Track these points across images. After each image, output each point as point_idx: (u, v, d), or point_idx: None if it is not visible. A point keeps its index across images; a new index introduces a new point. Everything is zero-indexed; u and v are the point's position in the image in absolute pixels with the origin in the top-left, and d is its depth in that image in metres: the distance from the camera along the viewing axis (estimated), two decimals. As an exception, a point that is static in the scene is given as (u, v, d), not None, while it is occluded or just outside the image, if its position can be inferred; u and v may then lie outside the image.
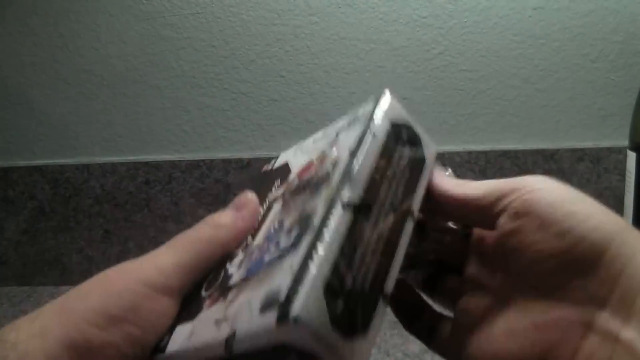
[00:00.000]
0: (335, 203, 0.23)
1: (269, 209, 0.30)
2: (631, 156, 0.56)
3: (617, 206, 0.64)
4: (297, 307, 0.19)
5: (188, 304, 0.27)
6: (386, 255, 0.24)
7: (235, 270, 0.27)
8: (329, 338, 0.20)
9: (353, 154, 0.25)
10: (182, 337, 0.25)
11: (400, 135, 0.28)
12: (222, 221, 0.29)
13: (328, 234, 0.22)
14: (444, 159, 0.66)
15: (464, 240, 0.30)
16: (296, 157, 0.33)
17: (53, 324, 0.24)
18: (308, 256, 0.21)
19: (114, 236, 0.72)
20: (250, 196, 0.30)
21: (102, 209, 0.71)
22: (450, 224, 0.31)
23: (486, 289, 0.26)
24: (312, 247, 0.22)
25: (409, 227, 0.26)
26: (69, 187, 0.71)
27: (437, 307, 0.30)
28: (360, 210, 0.24)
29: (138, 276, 0.26)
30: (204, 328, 0.24)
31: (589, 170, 0.65)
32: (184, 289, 0.27)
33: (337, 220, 0.23)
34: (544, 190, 0.24)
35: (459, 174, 0.66)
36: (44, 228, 0.73)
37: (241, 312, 0.22)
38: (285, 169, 0.33)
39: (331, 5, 0.65)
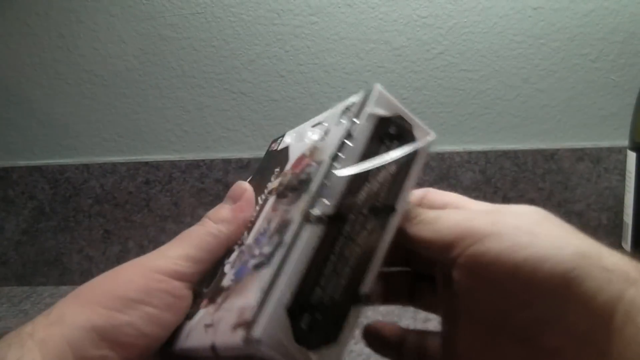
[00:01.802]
0: (308, 216, 0.23)
1: (265, 201, 0.29)
2: (631, 156, 0.56)
3: (617, 206, 0.64)
4: (258, 330, 0.20)
5: (194, 299, 0.28)
6: (363, 259, 0.24)
7: (229, 269, 0.27)
8: (294, 352, 0.21)
9: (334, 158, 0.24)
10: (183, 335, 0.26)
11: (388, 131, 0.26)
12: (223, 215, 0.29)
13: (296, 252, 0.22)
14: (444, 159, 0.66)
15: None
16: (295, 143, 0.31)
17: (70, 312, 0.24)
18: (277, 274, 0.22)
19: (114, 236, 0.72)
20: (244, 185, 0.30)
21: (102, 209, 0.71)
22: None
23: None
24: (282, 264, 0.22)
25: (392, 225, 0.25)
26: (69, 187, 0.71)
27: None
28: (333, 222, 0.23)
29: (148, 265, 0.26)
30: (196, 331, 0.25)
31: (589, 170, 0.65)
32: (194, 277, 0.27)
33: (307, 235, 0.22)
34: (492, 237, 0.22)
35: (459, 174, 0.66)
36: (44, 228, 0.72)
37: (221, 324, 0.23)
38: (284, 154, 0.31)
39: (331, 5, 0.65)
